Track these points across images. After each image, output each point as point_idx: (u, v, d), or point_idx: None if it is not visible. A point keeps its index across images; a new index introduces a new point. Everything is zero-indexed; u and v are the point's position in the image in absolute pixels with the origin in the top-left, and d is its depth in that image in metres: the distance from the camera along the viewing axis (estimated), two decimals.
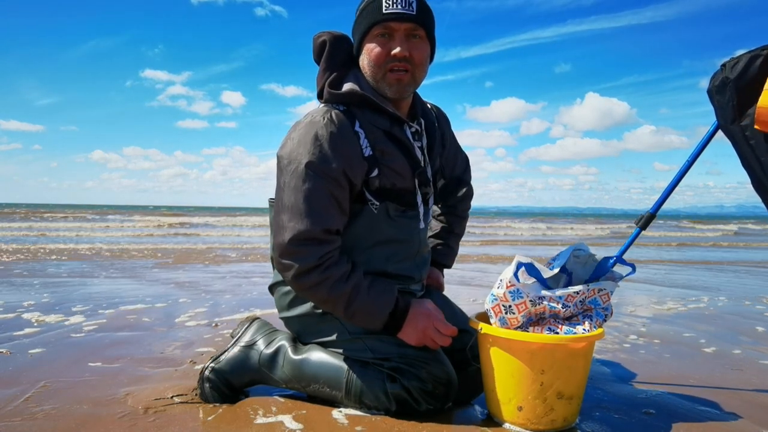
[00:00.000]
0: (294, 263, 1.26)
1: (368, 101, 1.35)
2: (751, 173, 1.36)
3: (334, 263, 1.29)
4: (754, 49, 1.30)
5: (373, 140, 1.35)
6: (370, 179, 1.35)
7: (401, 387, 1.32)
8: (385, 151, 1.36)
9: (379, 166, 1.35)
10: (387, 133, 1.37)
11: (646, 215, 1.53)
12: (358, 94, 1.34)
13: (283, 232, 1.27)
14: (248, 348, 1.48)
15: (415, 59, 1.34)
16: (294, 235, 1.26)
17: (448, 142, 1.65)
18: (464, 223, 1.81)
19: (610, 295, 1.37)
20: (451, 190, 1.72)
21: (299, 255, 1.26)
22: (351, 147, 1.31)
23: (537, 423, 1.26)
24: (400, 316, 1.33)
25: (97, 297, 3.21)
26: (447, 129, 1.65)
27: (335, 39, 1.40)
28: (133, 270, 4.76)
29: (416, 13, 1.32)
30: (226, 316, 2.72)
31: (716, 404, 1.53)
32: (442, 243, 1.76)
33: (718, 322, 2.81)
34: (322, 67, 1.40)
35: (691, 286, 4.31)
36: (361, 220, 1.37)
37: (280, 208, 1.30)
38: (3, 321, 2.48)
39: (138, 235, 11.05)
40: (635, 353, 2.11)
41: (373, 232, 1.39)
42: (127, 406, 1.41)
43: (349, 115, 1.34)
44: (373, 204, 1.36)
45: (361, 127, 1.34)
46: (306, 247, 1.26)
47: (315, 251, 1.26)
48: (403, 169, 1.39)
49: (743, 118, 1.31)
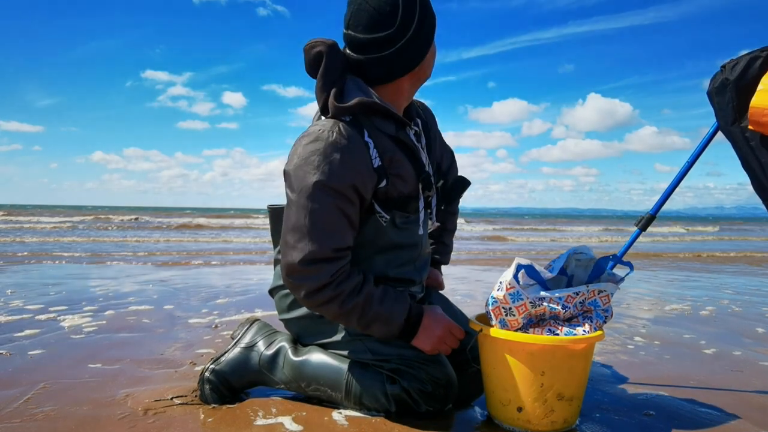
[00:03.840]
0: (304, 283, 1.24)
1: (376, 108, 1.30)
2: (751, 174, 1.36)
3: (346, 278, 1.26)
4: (754, 51, 1.30)
5: (381, 149, 1.30)
6: (379, 190, 1.31)
7: (401, 388, 1.32)
8: (394, 158, 1.32)
9: (387, 176, 1.32)
10: (394, 139, 1.34)
11: (646, 216, 1.53)
12: (368, 103, 1.28)
13: (292, 252, 1.23)
14: (248, 349, 1.48)
15: None
16: (303, 257, 1.22)
17: (436, 139, 1.62)
18: (455, 218, 1.80)
19: (611, 296, 1.37)
20: (456, 192, 1.69)
21: (310, 275, 1.23)
22: (361, 160, 1.26)
23: (537, 424, 1.26)
24: (414, 323, 1.33)
25: (97, 297, 3.21)
26: (434, 125, 1.62)
27: (330, 49, 1.30)
28: (133, 270, 4.75)
29: None
30: (227, 317, 2.72)
31: (716, 406, 1.52)
32: (436, 241, 1.75)
33: (718, 323, 2.81)
34: (321, 83, 1.30)
35: (691, 286, 4.30)
36: (367, 228, 1.35)
37: (288, 227, 1.25)
38: (3, 321, 2.48)
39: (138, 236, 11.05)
40: (635, 354, 2.11)
41: (377, 240, 1.37)
42: (127, 407, 1.41)
43: (357, 126, 1.28)
44: (382, 216, 1.34)
45: (370, 136, 1.29)
46: (317, 267, 1.23)
47: (326, 270, 1.23)
48: (409, 175, 1.36)
49: (743, 119, 1.31)
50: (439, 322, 1.35)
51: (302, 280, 1.23)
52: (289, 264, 1.24)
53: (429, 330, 1.33)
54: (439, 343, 1.34)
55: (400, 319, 1.30)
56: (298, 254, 1.22)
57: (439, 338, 1.33)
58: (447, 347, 1.36)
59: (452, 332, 1.36)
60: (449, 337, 1.35)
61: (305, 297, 1.25)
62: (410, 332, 1.33)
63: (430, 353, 1.34)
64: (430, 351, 1.33)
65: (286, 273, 1.26)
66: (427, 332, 1.33)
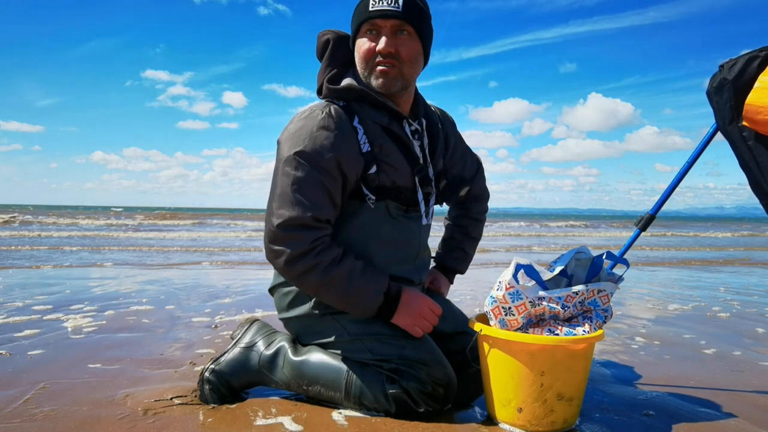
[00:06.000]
0: (285, 248, 1.27)
1: (367, 96, 1.37)
2: (748, 174, 1.36)
3: (326, 248, 1.29)
4: (753, 51, 1.30)
5: (371, 136, 1.36)
6: (369, 176, 1.36)
7: (400, 388, 1.32)
8: (384, 147, 1.37)
9: (378, 162, 1.36)
10: (385, 129, 1.39)
11: (646, 216, 1.53)
12: (357, 89, 1.36)
13: (273, 218, 1.29)
14: (248, 349, 1.48)
15: (401, 55, 1.34)
16: (283, 221, 1.27)
17: (452, 145, 1.63)
18: (481, 226, 1.78)
19: (610, 296, 1.37)
20: (453, 189, 1.69)
21: (290, 240, 1.27)
22: (347, 141, 1.32)
23: (537, 424, 1.26)
24: (394, 298, 1.33)
25: (97, 297, 3.21)
26: (452, 132, 1.64)
27: (339, 38, 1.43)
28: (133, 270, 4.76)
29: (402, 10, 1.32)
30: (226, 317, 2.72)
31: (716, 405, 1.52)
32: (456, 247, 1.74)
33: (718, 323, 2.81)
34: (324, 65, 1.43)
35: (691, 287, 4.30)
36: (360, 218, 1.38)
37: (272, 195, 1.31)
38: (3, 321, 2.48)
39: (139, 235, 11.06)
40: (635, 354, 2.11)
41: (373, 231, 1.39)
42: (127, 407, 1.41)
43: (348, 111, 1.36)
44: (369, 199, 1.37)
45: (360, 122, 1.36)
46: (296, 233, 1.27)
47: (306, 236, 1.27)
48: (402, 165, 1.40)
49: (740, 119, 1.32)
50: (418, 297, 1.36)
51: (282, 245, 1.27)
52: (270, 230, 1.29)
53: (408, 306, 1.34)
54: (419, 319, 1.35)
55: (380, 293, 1.31)
56: (277, 219, 1.27)
57: (419, 313, 1.34)
58: (427, 323, 1.36)
59: (431, 308, 1.37)
60: (428, 313, 1.36)
61: (285, 265, 1.28)
62: (389, 309, 1.33)
63: (411, 331, 1.35)
64: (410, 328, 1.34)
65: (268, 240, 1.30)
66: (406, 308, 1.34)
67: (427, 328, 1.37)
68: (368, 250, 1.40)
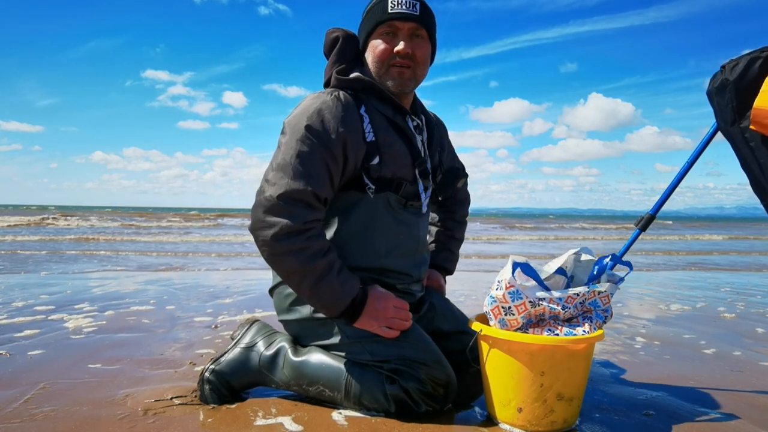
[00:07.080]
0: (280, 220, 1.23)
1: (374, 89, 1.40)
2: (750, 175, 1.36)
3: (317, 234, 1.29)
4: (754, 51, 1.30)
5: (376, 126, 1.38)
6: (372, 167, 1.36)
7: (400, 388, 1.32)
8: (387, 138, 1.39)
9: (381, 153, 1.37)
10: (390, 121, 1.41)
11: (646, 216, 1.53)
12: (366, 81, 1.39)
13: (272, 188, 1.26)
14: (248, 350, 1.48)
15: (417, 57, 1.40)
16: (284, 192, 1.24)
17: (446, 147, 1.69)
18: (464, 228, 1.85)
19: (611, 297, 1.37)
20: (449, 181, 1.71)
21: (286, 213, 1.24)
22: (353, 125, 1.34)
23: (537, 425, 1.26)
24: (360, 303, 1.32)
25: (97, 298, 3.21)
26: (444, 136, 1.69)
27: (348, 36, 1.46)
28: (133, 270, 4.75)
29: (419, 14, 1.38)
30: (226, 317, 2.72)
31: (716, 405, 1.52)
32: (443, 248, 1.79)
33: (718, 323, 2.81)
34: (332, 60, 1.45)
35: (691, 287, 4.30)
36: (360, 209, 1.39)
37: (272, 166, 1.29)
38: (3, 322, 2.48)
39: (139, 236, 11.06)
40: (635, 354, 2.11)
41: (372, 223, 1.39)
42: (127, 407, 1.41)
43: (356, 99, 1.38)
44: (369, 188, 1.37)
45: (367, 112, 1.38)
46: (295, 207, 1.25)
47: (303, 213, 1.25)
48: (404, 157, 1.42)
49: (742, 120, 1.31)
50: (382, 299, 1.34)
51: (278, 216, 1.24)
52: (266, 198, 1.25)
53: (370, 308, 1.32)
54: (385, 320, 1.33)
55: (349, 298, 1.30)
56: (277, 189, 1.25)
57: (383, 315, 1.33)
58: (399, 322, 1.34)
59: (396, 306, 1.35)
60: (390, 309, 1.34)
61: (273, 238, 1.24)
62: (352, 314, 1.32)
63: (380, 333, 1.33)
64: (377, 330, 1.33)
65: (262, 210, 1.26)
66: (369, 312, 1.32)
67: (400, 326, 1.35)
68: (368, 243, 1.40)
